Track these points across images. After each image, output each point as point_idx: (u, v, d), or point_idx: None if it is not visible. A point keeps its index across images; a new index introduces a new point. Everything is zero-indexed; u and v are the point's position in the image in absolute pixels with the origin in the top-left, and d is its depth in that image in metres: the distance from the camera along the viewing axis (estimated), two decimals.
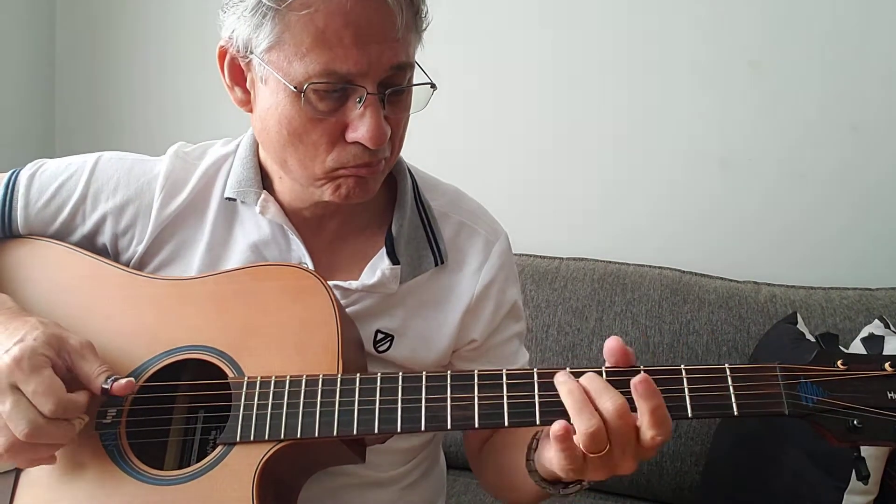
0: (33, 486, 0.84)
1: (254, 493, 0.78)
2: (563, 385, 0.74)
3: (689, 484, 1.59)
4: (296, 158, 0.85)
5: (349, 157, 0.84)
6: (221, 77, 0.88)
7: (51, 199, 0.96)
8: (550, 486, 0.82)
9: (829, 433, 0.73)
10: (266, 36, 0.79)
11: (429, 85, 0.86)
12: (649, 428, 0.71)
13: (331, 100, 0.81)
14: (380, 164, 0.86)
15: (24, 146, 2.29)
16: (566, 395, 0.73)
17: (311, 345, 0.84)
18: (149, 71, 2.29)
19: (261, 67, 0.82)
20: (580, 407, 0.72)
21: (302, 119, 0.82)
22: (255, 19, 0.79)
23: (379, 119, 0.81)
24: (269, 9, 0.78)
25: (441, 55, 1.92)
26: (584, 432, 0.71)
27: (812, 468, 1.34)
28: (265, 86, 0.83)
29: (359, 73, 0.79)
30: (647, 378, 0.71)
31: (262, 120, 0.86)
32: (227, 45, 0.85)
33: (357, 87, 0.80)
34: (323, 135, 0.83)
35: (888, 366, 0.74)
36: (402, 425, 0.78)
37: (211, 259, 0.95)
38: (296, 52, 0.79)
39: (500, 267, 1.00)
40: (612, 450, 0.71)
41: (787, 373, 0.74)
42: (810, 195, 1.80)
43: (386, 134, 0.82)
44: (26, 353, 0.77)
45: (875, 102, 1.73)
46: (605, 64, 1.89)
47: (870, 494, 1.33)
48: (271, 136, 0.86)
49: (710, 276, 1.73)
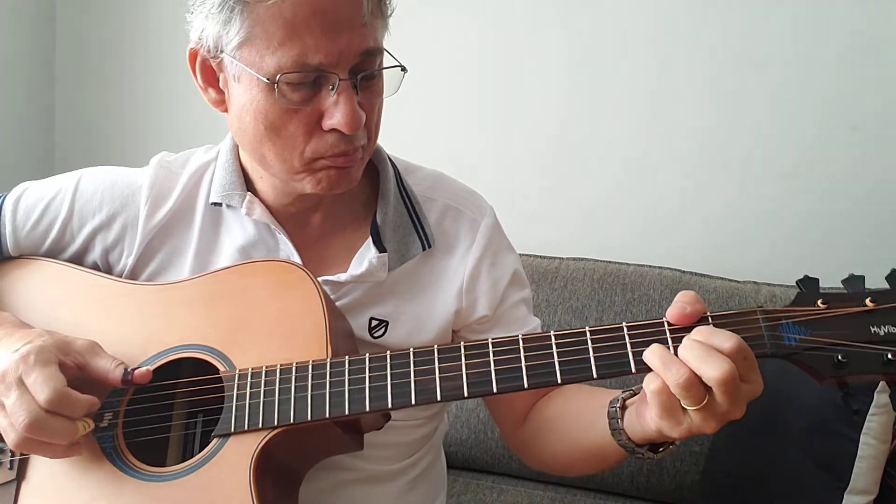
0: (35, 494, 0.85)
1: (251, 481, 0.79)
2: (648, 350, 0.73)
3: (689, 483, 1.58)
4: (274, 153, 0.87)
5: (326, 146, 0.85)
6: (194, 79, 0.90)
7: (38, 222, 0.98)
8: (639, 447, 0.81)
9: (815, 370, 0.72)
10: (236, 32, 0.81)
11: (399, 68, 0.88)
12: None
13: (304, 90, 0.82)
14: (357, 151, 0.87)
15: (25, 146, 2.29)
16: (648, 356, 0.72)
17: (299, 334, 0.85)
18: (148, 71, 2.30)
19: (233, 65, 0.84)
20: (666, 361, 0.71)
21: (277, 111, 0.83)
22: (223, 16, 0.81)
23: (353, 104, 0.83)
24: (235, 4, 0.80)
25: (442, 55, 1.98)
26: (675, 384, 0.69)
27: (812, 468, 1.33)
28: (238, 83, 0.85)
29: (330, 62, 0.81)
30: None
31: (239, 118, 0.87)
32: (198, 47, 0.87)
33: (329, 75, 0.82)
34: (299, 125, 0.84)
35: (869, 301, 0.74)
36: (393, 401, 0.79)
37: (200, 266, 0.97)
38: (267, 45, 0.80)
39: (487, 243, 1.01)
40: (714, 398, 0.69)
41: (769, 315, 0.74)
42: (810, 195, 1.80)
43: (361, 119, 0.84)
44: (34, 349, 0.79)
45: (876, 103, 1.73)
46: (607, 65, 1.91)
47: (869, 494, 1.32)
48: (248, 133, 0.87)
49: (710, 276, 1.73)
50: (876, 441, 1.30)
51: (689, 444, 1.58)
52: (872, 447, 1.30)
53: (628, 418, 0.81)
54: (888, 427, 1.30)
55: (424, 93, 2.01)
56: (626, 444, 0.81)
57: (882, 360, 0.71)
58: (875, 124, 1.74)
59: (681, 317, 0.75)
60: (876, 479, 1.32)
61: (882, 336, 0.72)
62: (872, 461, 1.30)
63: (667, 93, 1.87)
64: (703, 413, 0.70)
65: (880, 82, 1.73)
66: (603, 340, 0.76)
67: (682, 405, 0.71)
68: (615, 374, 0.75)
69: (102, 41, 2.34)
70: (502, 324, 1.00)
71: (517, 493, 1.64)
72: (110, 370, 0.83)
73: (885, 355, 0.71)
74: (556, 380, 0.76)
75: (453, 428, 1.69)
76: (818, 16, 1.75)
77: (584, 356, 0.76)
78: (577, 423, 0.92)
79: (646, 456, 0.82)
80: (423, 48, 2.00)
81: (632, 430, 0.80)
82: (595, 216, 1.95)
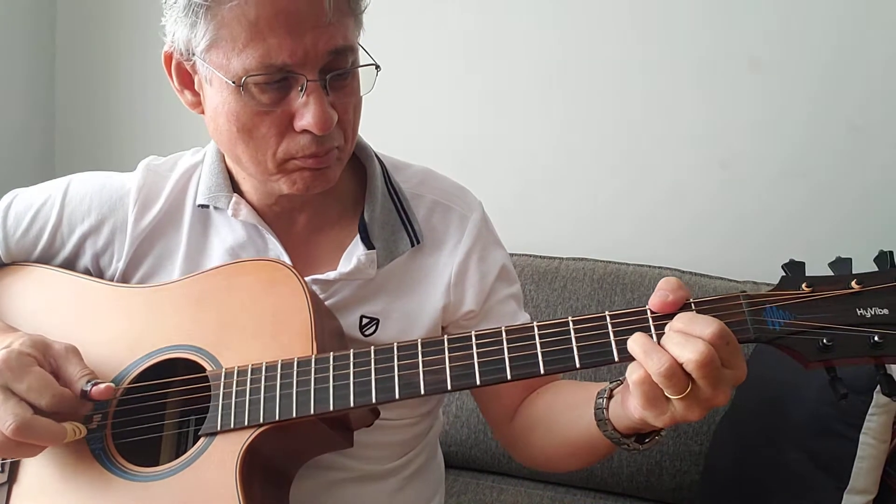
0: (26, 497, 0.85)
1: (238, 479, 0.79)
2: (631, 339, 0.72)
3: (689, 483, 1.57)
4: (248, 154, 0.87)
5: (298, 147, 0.85)
6: (170, 82, 0.90)
7: (28, 229, 0.99)
8: (625, 438, 0.80)
9: (800, 355, 0.71)
10: (203, 35, 0.81)
11: (373, 66, 0.87)
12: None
13: (272, 91, 0.82)
14: (331, 152, 0.87)
15: (25, 146, 2.29)
16: (631, 345, 0.72)
17: (286, 332, 0.85)
18: (149, 72, 2.28)
19: (204, 68, 0.84)
20: (648, 349, 0.70)
21: (248, 113, 0.83)
22: (189, 19, 0.81)
23: (322, 105, 0.82)
24: (199, 6, 0.80)
25: (442, 54, 1.99)
26: (657, 373, 0.68)
27: (811, 468, 1.32)
28: (210, 86, 0.85)
29: (295, 62, 0.80)
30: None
31: (213, 120, 0.88)
32: (171, 50, 0.87)
33: (297, 76, 0.82)
34: (271, 127, 0.84)
35: (855, 283, 0.73)
36: (377, 396, 0.79)
37: (190, 268, 0.97)
38: (233, 47, 0.80)
39: (476, 238, 1.00)
40: (696, 384, 0.69)
41: (752, 300, 0.73)
42: (810, 195, 1.78)
43: (332, 119, 0.83)
44: (12, 354, 0.79)
45: (875, 102, 1.72)
46: (606, 63, 1.90)
47: (869, 494, 1.30)
48: (223, 135, 0.88)
49: (709, 275, 1.71)
50: (875, 441, 1.29)
51: (689, 444, 1.57)
52: (872, 447, 1.29)
53: (613, 408, 0.80)
54: (888, 426, 1.28)
55: (425, 93, 2.02)
56: (612, 435, 0.81)
57: (868, 342, 0.70)
58: (874, 124, 1.72)
59: (663, 304, 0.74)
60: (875, 478, 1.30)
61: (869, 318, 0.71)
62: (872, 461, 1.29)
63: (666, 92, 1.86)
64: (686, 401, 0.69)
65: (880, 81, 1.71)
66: (586, 330, 0.76)
67: (665, 394, 0.70)
68: (598, 364, 0.75)
69: (103, 41, 2.35)
70: (490, 319, 1.00)
71: (517, 493, 1.63)
72: (75, 380, 0.82)
73: (872, 337, 0.70)
74: (539, 370, 0.75)
75: (453, 428, 1.69)
76: (814, 12, 1.74)
77: (566, 346, 0.75)
78: (564, 417, 0.91)
79: (632, 447, 0.81)
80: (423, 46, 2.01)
81: (617, 420, 0.80)
82: (595, 216, 1.95)
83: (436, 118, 2.03)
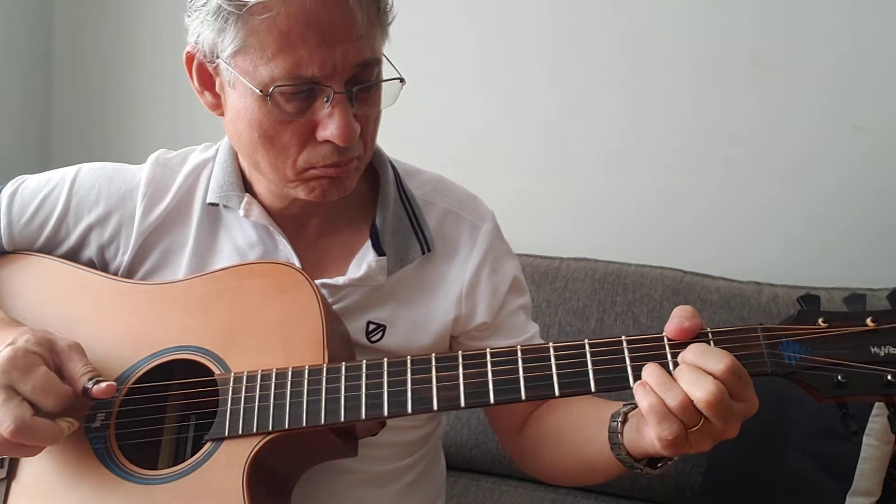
0: (25, 494, 0.84)
1: (244, 486, 0.78)
2: (645, 370, 0.73)
3: (691, 486, 1.58)
4: (267, 161, 0.86)
5: (319, 156, 0.84)
6: (190, 82, 0.89)
7: (34, 216, 0.97)
8: (638, 462, 0.81)
9: (814, 390, 0.72)
10: (231, 41, 0.80)
11: (398, 80, 0.86)
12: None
13: (298, 101, 0.81)
14: (351, 162, 0.86)
15: (23, 145, 2.27)
16: (646, 376, 0.73)
17: (296, 338, 0.84)
18: (147, 71, 2.28)
19: (228, 72, 0.83)
20: (661, 383, 0.71)
21: (271, 121, 0.83)
22: (217, 23, 0.80)
23: (347, 117, 0.82)
24: (230, 13, 0.78)
25: (441, 54, 1.97)
26: (673, 407, 0.70)
27: (814, 470, 1.33)
28: (234, 90, 0.84)
29: (324, 74, 0.80)
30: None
31: (234, 123, 0.87)
32: (194, 50, 0.86)
33: (324, 87, 0.81)
34: (293, 136, 0.83)
35: (870, 321, 0.73)
36: (389, 409, 0.78)
37: (198, 265, 0.96)
38: (261, 56, 0.79)
39: (488, 249, 1.00)
40: (709, 421, 0.70)
41: (769, 333, 0.74)
42: (813, 195, 1.78)
43: (355, 131, 0.83)
44: (18, 353, 0.78)
45: (879, 102, 1.72)
46: (608, 62, 1.89)
47: (872, 496, 1.32)
48: (243, 140, 0.87)
49: (712, 276, 1.72)
50: (879, 442, 1.29)
51: None
52: (875, 448, 1.29)
53: (628, 433, 0.80)
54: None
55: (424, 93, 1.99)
56: (624, 460, 0.81)
57: (882, 381, 0.71)
58: (879, 124, 1.72)
59: (680, 331, 0.75)
60: (879, 480, 1.31)
61: (882, 357, 0.72)
62: (875, 462, 1.30)
63: (668, 93, 1.86)
64: (698, 435, 0.71)
65: (884, 82, 1.71)
66: (602, 354, 0.76)
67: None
68: (613, 389, 0.75)
69: (101, 41, 2.33)
70: (501, 331, 1.00)
71: (518, 495, 1.63)
72: (77, 377, 0.81)
73: (885, 376, 0.71)
74: (553, 392, 0.76)
75: (453, 429, 1.68)
76: (821, 13, 1.73)
77: (582, 369, 0.76)
78: (575, 436, 0.91)
79: (644, 472, 0.81)
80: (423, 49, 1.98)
81: (631, 445, 0.80)
82: (596, 216, 1.94)
83: (436, 118, 2.02)
